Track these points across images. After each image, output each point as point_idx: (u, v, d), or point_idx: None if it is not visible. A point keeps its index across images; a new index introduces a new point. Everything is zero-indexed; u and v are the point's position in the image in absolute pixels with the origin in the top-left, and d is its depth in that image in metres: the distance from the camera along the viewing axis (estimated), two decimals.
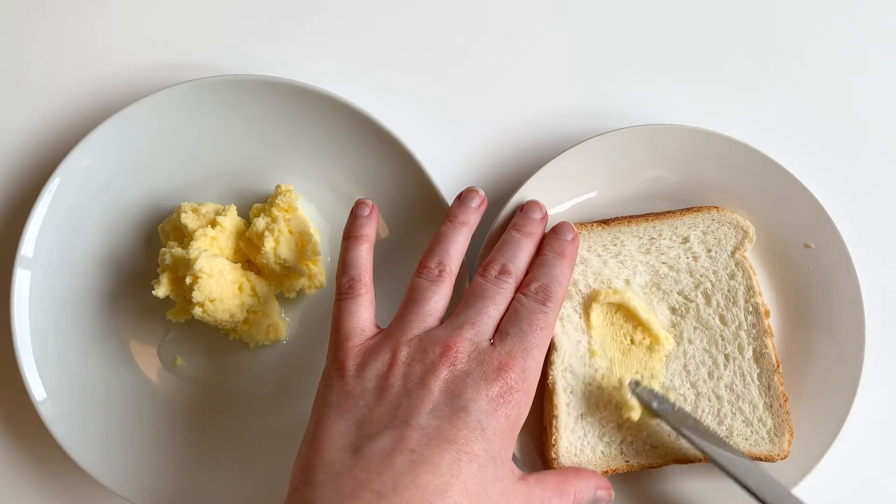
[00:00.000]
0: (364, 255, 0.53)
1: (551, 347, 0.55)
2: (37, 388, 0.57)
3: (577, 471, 0.52)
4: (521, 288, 0.52)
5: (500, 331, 0.49)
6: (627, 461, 0.55)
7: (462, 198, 0.55)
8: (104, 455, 0.57)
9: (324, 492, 0.42)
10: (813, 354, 0.57)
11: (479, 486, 0.44)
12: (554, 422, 0.54)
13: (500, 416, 0.46)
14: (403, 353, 0.48)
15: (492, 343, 0.49)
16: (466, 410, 0.45)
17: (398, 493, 0.41)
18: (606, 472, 0.55)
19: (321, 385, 0.49)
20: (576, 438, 0.55)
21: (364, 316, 0.51)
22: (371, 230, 0.54)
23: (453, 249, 0.53)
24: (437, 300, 0.51)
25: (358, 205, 0.55)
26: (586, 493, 0.51)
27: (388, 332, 0.50)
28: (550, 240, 0.54)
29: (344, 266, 0.53)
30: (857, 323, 0.56)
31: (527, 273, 0.53)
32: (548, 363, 0.55)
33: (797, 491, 0.55)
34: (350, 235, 0.54)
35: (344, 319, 0.51)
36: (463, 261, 0.56)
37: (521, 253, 0.53)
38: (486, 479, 0.44)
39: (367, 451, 0.43)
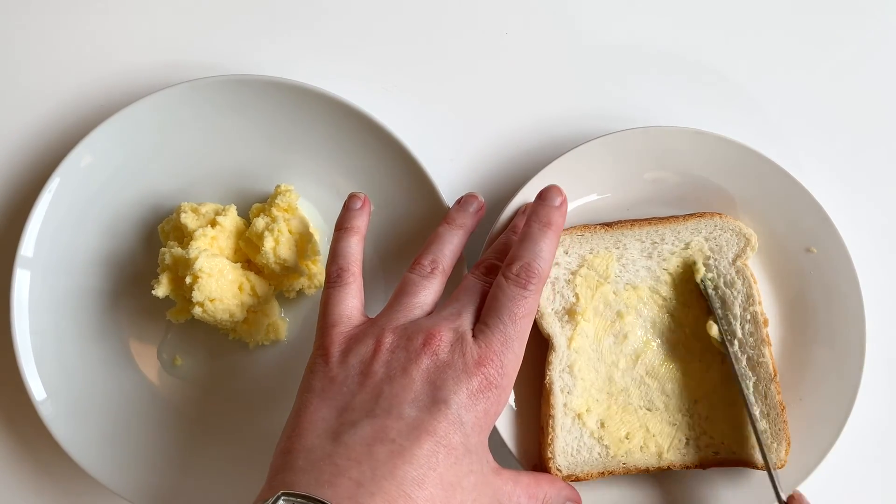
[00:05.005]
0: (354, 246, 0.54)
1: (549, 348, 0.55)
2: (36, 388, 0.57)
3: (551, 478, 0.53)
4: (502, 268, 0.51)
5: (481, 320, 0.49)
6: (624, 463, 0.55)
7: (461, 202, 0.56)
8: (104, 455, 0.58)
9: (303, 477, 0.42)
10: (813, 358, 0.57)
11: (454, 479, 0.44)
12: (550, 422, 0.54)
13: (479, 409, 0.46)
14: (388, 341, 0.48)
15: (474, 333, 0.49)
16: (447, 403, 0.45)
17: (376, 482, 0.42)
18: (603, 473, 0.55)
19: (306, 371, 0.49)
20: (572, 439, 0.55)
21: (351, 304, 0.51)
22: (362, 222, 0.55)
23: (448, 250, 0.53)
24: (427, 294, 0.51)
25: (351, 197, 0.56)
26: (555, 501, 0.51)
27: (375, 321, 0.50)
28: (536, 207, 0.53)
29: (334, 256, 0.53)
30: (857, 327, 0.56)
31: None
32: (545, 363, 0.55)
33: None
34: (341, 227, 0.55)
35: (331, 307, 0.51)
36: (461, 262, 0.57)
37: None
38: (461, 471, 0.45)
39: (347, 438, 0.44)
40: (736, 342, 0.55)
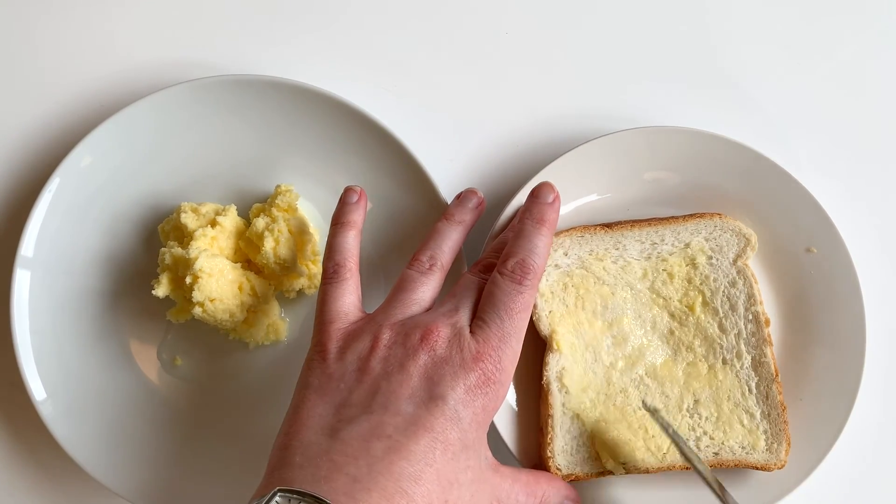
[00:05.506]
0: (350, 241, 0.53)
1: (546, 348, 0.55)
2: (36, 388, 0.57)
3: (550, 476, 0.53)
4: (498, 264, 0.51)
5: (478, 316, 0.49)
6: (624, 463, 0.55)
7: (461, 198, 0.56)
8: (104, 455, 0.58)
9: (300, 473, 0.42)
10: (814, 359, 0.57)
11: (451, 475, 0.44)
12: (549, 421, 0.54)
13: (476, 405, 0.46)
14: (385, 337, 0.48)
15: (471, 329, 0.49)
16: (444, 399, 0.45)
17: (373, 478, 0.42)
18: (602, 473, 0.55)
19: (303, 368, 0.49)
20: (571, 438, 0.55)
21: (348, 300, 0.51)
22: (359, 216, 0.55)
23: (446, 246, 0.53)
24: (425, 291, 0.51)
25: (347, 191, 0.56)
26: (554, 500, 0.51)
27: (372, 317, 0.50)
28: (529, 205, 0.54)
29: (330, 251, 0.53)
30: (857, 327, 0.56)
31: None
32: (543, 363, 0.55)
33: (792, 498, 0.55)
34: (338, 221, 0.54)
35: (328, 303, 0.51)
36: (460, 258, 0.57)
37: None
38: (458, 467, 0.45)
39: (344, 434, 0.44)
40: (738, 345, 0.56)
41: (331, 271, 0.52)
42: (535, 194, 0.54)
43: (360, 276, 0.53)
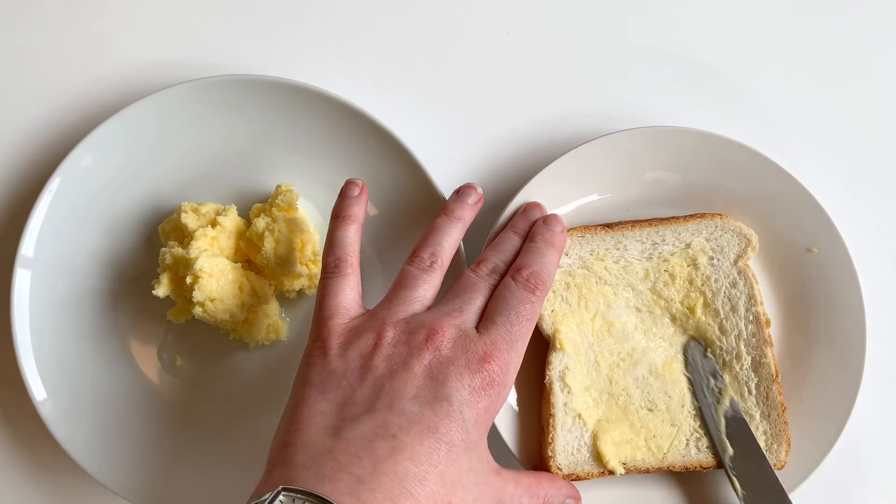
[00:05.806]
0: (351, 236, 0.53)
1: (550, 347, 0.55)
2: (37, 388, 0.57)
3: (552, 477, 0.53)
4: (511, 272, 0.51)
5: (487, 317, 0.49)
6: (624, 463, 0.55)
7: (459, 193, 0.55)
8: (104, 455, 0.58)
9: (303, 472, 0.42)
10: (814, 358, 0.57)
11: (455, 476, 0.44)
12: (551, 420, 0.54)
13: (480, 407, 0.46)
14: (389, 335, 0.48)
15: (477, 330, 0.49)
16: (449, 400, 0.45)
17: (377, 478, 0.41)
18: (603, 473, 0.55)
19: (302, 363, 0.49)
20: (572, 438, 0.55)
21: (349, 296, 0.51)
22: (360, 210, 0.54)
23: (446, 242, 0.53)
24: (426, 288, 0.51)
25: (347, 185, 0.55)
26: (556, 500, 0.51)
27: (374, 314, 0.50)
28: (540, 229, 0.54)
29: (331, 245, 0.52)
30: (858, 327, 0.56)
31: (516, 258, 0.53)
32: (545, 363, 0.55)
33: (792, 498, 0.55)
34: (338, 215, 0.54)
35: (328, 298, 0.50)
36: (460, 255, 0.56)
37: (516, 254, 0.54)
38: (462, 468, 0.45)
39: (347, 433, 0.43)
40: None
41: (331, 266, 0.52)
42: (545, 221, 0.55)
43: (360, 273, 0.53)
